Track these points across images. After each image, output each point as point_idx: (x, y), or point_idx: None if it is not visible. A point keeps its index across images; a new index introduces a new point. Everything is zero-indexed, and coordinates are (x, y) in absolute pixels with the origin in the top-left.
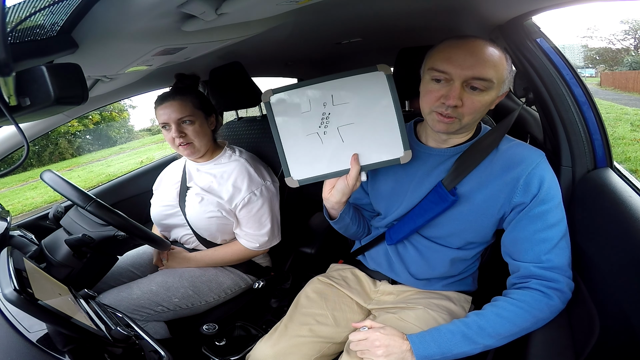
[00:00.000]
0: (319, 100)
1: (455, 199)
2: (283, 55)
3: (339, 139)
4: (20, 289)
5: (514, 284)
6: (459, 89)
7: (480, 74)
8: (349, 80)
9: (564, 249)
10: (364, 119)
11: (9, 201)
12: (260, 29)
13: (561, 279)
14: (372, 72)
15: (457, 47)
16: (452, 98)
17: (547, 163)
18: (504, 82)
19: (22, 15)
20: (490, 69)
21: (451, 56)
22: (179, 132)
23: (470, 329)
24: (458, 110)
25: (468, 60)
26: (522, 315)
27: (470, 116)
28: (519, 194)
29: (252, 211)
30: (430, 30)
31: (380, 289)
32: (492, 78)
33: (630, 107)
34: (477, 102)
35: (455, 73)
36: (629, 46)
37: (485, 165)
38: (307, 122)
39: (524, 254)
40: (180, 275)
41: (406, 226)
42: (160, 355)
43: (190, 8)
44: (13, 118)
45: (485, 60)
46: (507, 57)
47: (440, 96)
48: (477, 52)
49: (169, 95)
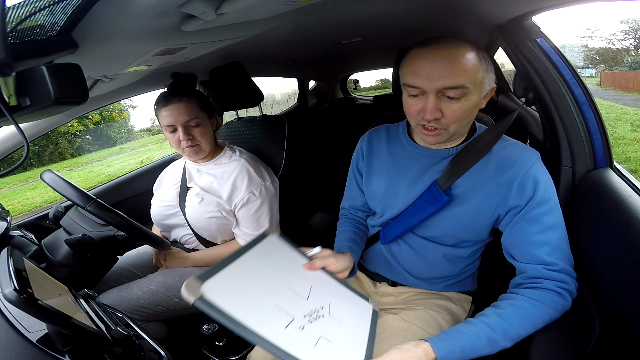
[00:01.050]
0: (319, 298)
1: (449, 199)
2: (283, 55)
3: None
4: (20, 289)
5: (522, 284)
6: (435, 101)
7: (450, 84)
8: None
9: (565, 250)
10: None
11: (9, 201)
12: (260, 29)
13: (569, 279)
14: (364, 300)
15: (422, 57)
16: (429, 112)
17: (541, 164)
18: (482, 83)
19: (22, 15)
20: (459, 75)
21: (417, 69)
22: (187, 135)
23: (496, 331)
24: (441, 122)
25: (435, 71)
26: (541, 316)
27: (456, 124)
28: (513, 196)
29: (250, 211)
30: (430, 30)
31: (380, 291)
32: (465, 84)
33: (630, 107)
34: (457, 110)
35: (426, 86)
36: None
37: (480, 166)
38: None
39: (526, 256)
40: (180, 275)
41: (400, 225)
42: (160, 355)
43: (190, 8)
44: (13, 118)
45: (453, 67)
46: (481, 55)
47: (419, 110)
48: (443, 61)
49: (173, 96)
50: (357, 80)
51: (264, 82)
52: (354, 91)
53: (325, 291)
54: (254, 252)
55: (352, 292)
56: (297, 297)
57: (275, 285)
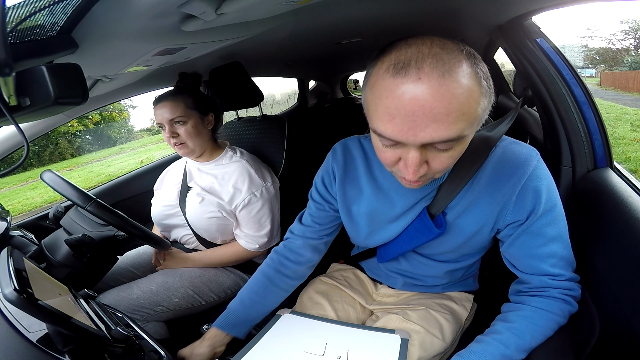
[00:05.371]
0: (335, 350)
1: (440, 231)
2: (283, 55)
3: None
4: (20, 289)
5: (524, 292)
6: (419, 157)
7: (444, 137)
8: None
9: (569, 257)
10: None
11: (9, 201)
12: (260, 29)
13: (575, 286)
14: (389, 334)
15: (400, 95)
16: (412, 172)
17: (541, 167)
18: (483, 115)
19: (22, 15)
20: (457, 122)
21: (394, 114)
22: (172, 133)
23: (509, 348)
24: (427, 174)
25: (421, 121)
26: (550, 325)
27: (444, 171)
28: (511, 212)
29: (252, 212)
30: (431, 30)
31: (381, 291)
32: (463, 132)
33: (630, 107)
34: (446, 160)
35: (408, 141)
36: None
37: (471, 182)
38: None
39: (529, 269)
40: (180, 275)
41: (394, 249)
42: (160, 355)
43: (190, 8)
44: (13, 118)
45: (449, 112)
46: (481, 72)
47: (396, 161)
48: (433, 102)
49: (165, 96)
50: (357, 80)
51: (264, 82)
52: (354, 91)
53: (341, 341)
54: (270, 334)
55: (373, 332)
56: (312, 357)
57: (290, 356)
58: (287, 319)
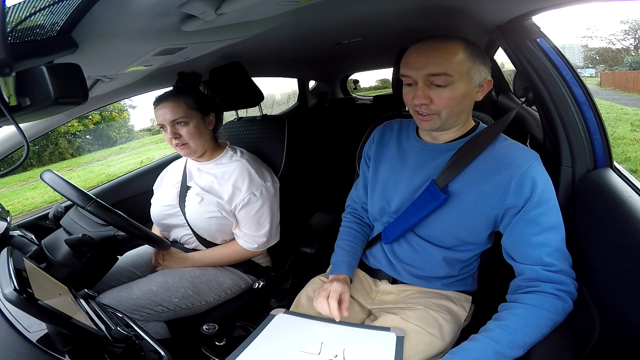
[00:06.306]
0: (331, 349)
1: (446, 197)
2: (283, 55)
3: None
4: (20, 289)
5: (521, 287)
6: (423, 88)
7: (433, 71)
8: None
9: (564, 251)
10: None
11: (9, 201)
12: (260, 29)
13: (568, 280)
14: (384, 332)
15: (412, 51)
16: (417, 97)
17: (540, 165)
18: (469, 73)
19: (22, 15)
20: (441, 64)
21: (408, 61)
22: (174, 134)
23: (501, 344)
24: (431, 107)
25: (420, 60)
26: (544, 322)
27: (447, 110)
28: (511, 196)
29: (251, 212)
30: (431, 30)
31: (381, 289)
32: (448, 71)
33: (630, 107)
34: (445, 97)
35: (414, 75)
36: (629, 46)
37: (477, 163)
38: None
39: (525, 257)
40: (180, 275)
41: (401, 224)
42: (160, 355)
43: (190, 8)
44: (13, 118)
45: (437, 57)
46: (470, 49)
47: (412, 97)
48: (428, 52)
49: (165, 96)
50: (357, 80)
51: (264, 82)
52: (354, 91)
53: (337, 340)
54: (264, 334)
55: (368, 330)
56: (309, 356)
57: (285, 356)
58: (282, 319)
